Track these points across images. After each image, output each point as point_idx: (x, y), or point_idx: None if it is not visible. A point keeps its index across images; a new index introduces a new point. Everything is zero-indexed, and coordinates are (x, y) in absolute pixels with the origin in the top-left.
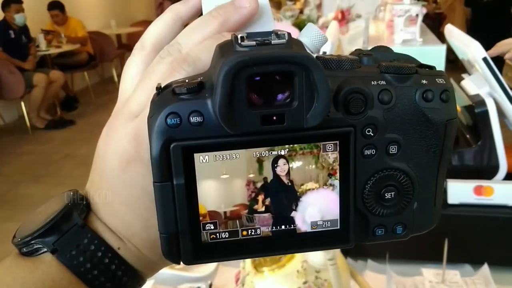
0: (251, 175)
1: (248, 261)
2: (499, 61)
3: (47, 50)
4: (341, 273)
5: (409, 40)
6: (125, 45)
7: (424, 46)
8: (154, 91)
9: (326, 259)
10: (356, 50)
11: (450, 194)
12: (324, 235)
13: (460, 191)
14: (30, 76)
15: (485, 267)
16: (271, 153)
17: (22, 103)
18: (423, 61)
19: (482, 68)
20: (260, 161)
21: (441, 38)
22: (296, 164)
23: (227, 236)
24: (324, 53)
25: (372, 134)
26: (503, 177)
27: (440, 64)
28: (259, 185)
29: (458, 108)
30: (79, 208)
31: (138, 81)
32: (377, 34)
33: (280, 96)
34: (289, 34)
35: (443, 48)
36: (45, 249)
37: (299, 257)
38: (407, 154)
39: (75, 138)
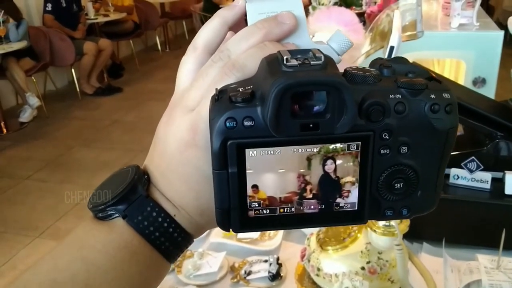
0: (302, 170)
1: (313, 240)
2: None
3: (95, 18)
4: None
5: (466, 25)
6: (168, 14)
7: (481, 31)
8: (207, 90)
9: (394, 244)
10: (377, 59)
11: (507, 185)
12: (345, 214)
13: None
14: (80, 44)
15: None
16: (319, 153)
17: (73, 70)
18: (480, 46)
19: None
20: (309, 159)
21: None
22: (339, 162)
23: (267, 212)
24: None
25: (387, 137)
26: None
27: (497, 50)
28: (308, 178)
29: None
30: (142, 181)
31: (193, 80)
32: (429, 14)
33: (316, 108)
34: (325, 56)
35: (501, 34)
36: (117, 215)
37: (362, 239)
38: (415, 153)
39: (122, 105)
